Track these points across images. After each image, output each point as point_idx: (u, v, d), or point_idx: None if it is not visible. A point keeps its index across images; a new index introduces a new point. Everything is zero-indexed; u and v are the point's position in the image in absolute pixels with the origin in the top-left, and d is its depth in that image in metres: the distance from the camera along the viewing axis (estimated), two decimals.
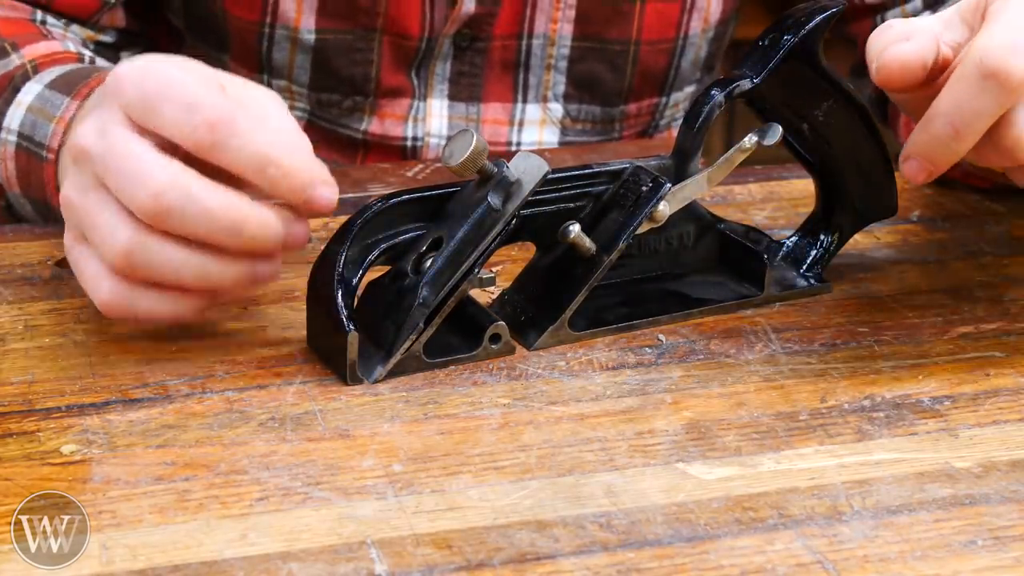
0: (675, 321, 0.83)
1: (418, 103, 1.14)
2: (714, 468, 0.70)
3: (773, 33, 0.82)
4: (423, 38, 1.10)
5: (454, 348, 0.79)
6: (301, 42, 1.10)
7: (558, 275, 0.82)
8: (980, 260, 0.89)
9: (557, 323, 0.80)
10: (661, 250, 0.85)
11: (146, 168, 0.73)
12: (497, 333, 0.79)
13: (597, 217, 0.81)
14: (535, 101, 1.15)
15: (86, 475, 0.69)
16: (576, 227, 0.80)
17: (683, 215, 0.83)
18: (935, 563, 0.64)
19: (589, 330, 0.81)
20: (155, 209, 0.73)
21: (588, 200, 0.82)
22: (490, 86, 1.14)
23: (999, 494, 0.69)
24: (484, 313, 0.80)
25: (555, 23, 1.12)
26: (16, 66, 0.95)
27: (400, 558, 0.63)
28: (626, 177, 0.82)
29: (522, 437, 0.72)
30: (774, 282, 0.86)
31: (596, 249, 0.80)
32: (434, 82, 1.13)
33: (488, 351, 0.79)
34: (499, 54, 1.12)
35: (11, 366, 0.78)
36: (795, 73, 0.82)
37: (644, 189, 0.81)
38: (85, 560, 0.63)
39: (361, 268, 0.78)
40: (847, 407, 0.76)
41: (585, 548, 0.64)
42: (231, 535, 0.65)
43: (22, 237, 0.92)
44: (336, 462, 0.70)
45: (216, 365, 0.78)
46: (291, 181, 0.75)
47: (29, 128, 0.91)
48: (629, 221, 0.80)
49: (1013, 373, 0.79)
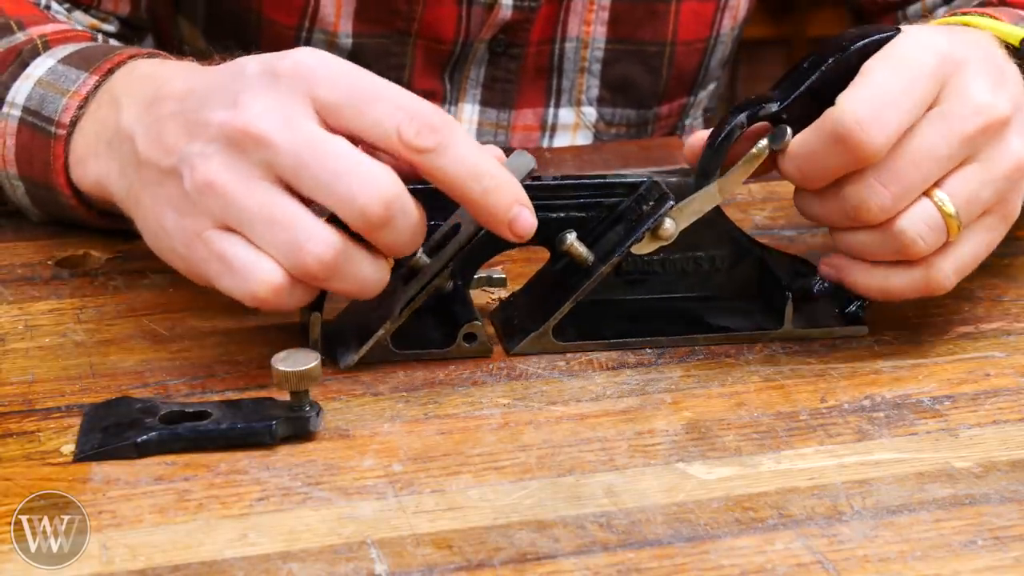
0: (675, 345, 0.81)
1: (449, 108, 1.13)
2: (714, 468, 0.70)
3: (815, 55, 0.78)
4: (457, 42, 1.09)
5: (430, 343, 0.79)
6: (338, 46, 1.09)
7: (556, 283, 0.81)
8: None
9: (540, 331, 0.79)
10: (690, 271, 0.83)
11: (371, 173, 0.69)
12: (472, 332, 0.79)
13: (605, 229, 0.80)
14: (568, 105, 1.14)
15: (86, 475, 0.69)
16: (572, 235, 0.79)
17: (715, 237, 0.82)
18: (935, 563, 0.64)
19: (575, 342, 0.80)
20: (383, 217, 0.69)
21: (602, 211, 0.81)
22: (523, 91, 1.13)
23: (999, 494, 0.69)
24: (467, 312, 0.80)
25: (588, 25, 1.11)
26: (23, 40, 0.92)
27: (400, 558, 0.63)
28: (641, 191, 0.80)
29: (522, 437, 0.72)
30: (804, 317, 0.82)
31: (593, 260, 0.79)
32: (467, 87, 1.12)
33: (461, 349, 0.79)
34: (533, 59, 1.11)
35: (11, 366, 0.78)
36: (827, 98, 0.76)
37: (648, 205, 0.79)
38: (85, 560, 0.63)
39: None
40: (847, 407, 0.76)
41: (585, 548, 0.64)
42: (231, 535, 0.65)
43: (22, 237, 0.92)
44: (336, 462, 0.70)
45: (216, 365, 0.78)
46: (499, 196, 0.72)
47: (37, 102, 0.87)
48: (628, 235, 0.79)
49: (1013, 373, 0.79)
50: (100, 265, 0.88)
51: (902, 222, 0.75)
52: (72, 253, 0.88)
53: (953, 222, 0.75)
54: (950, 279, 0.78)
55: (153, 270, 0.87)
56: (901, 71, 0.75)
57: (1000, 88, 0.77)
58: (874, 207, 0.75)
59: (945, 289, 0.78)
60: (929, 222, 0.75)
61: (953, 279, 0.78)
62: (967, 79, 0.76)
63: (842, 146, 0.74)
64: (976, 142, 0.76)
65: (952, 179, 0.76)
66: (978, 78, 0.76)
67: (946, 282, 0.77)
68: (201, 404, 0.73)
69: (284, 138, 0.70)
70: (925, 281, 0.77)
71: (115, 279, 0.87)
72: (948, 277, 0.77)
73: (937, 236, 0.76)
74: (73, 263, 0.89)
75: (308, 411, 0.71)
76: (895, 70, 0.75)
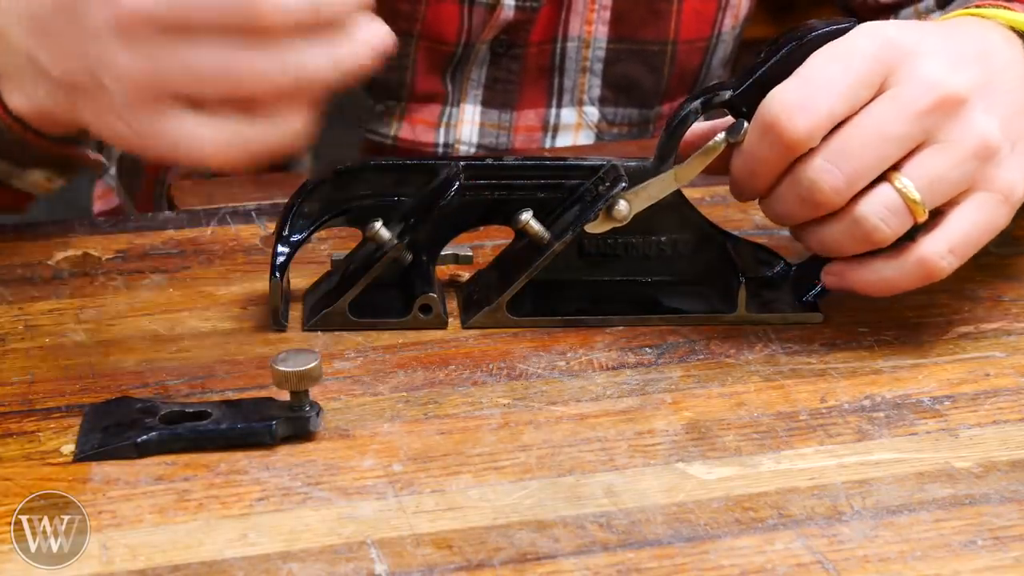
0: (628, 324, 0.82)
1: (451, 109, 1.13)
2: (714, 468, 0.70)
3: (772, 44, 0.80)
4: (460, 43, 1.09)
5: (386, 313, 0.82)
6: None
7: (516, 261, 0.83)
8: (980, 260, 0.89)
9: (493, 305, 0.82)
10: (652, 255, 0.84)
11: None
12: (427, 304, 0.81)
13: (563, 209, 0.82)
14: (570, 105, 1.14)
15: (86, 475, 0.69)
16: (528, 214, 0.81)
17: (678, 222, 0.83)
18: (935, 563, 0.64)
19: (530, 317, 0.82)
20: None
21: (563, 192, 0.82)
22: (525, 91, 1.13)
23: (999, 494, 0.69)
24: (426, 284, 0.82)
25: (590, 25, 1.11)
26: None
27: (400, 558, 0.63)
28: (599, 174, 0.82)
29: (522, 437, 0.72)
30: (759, 303, 0.84)
31: (549, 239, 0.81)
32: (468, 88, 1.12)
33: (417, 320, 0.81)
34: (535, 60, 1.11)
35: (11, 366, 0.78)
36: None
37: (604, 185, 0.81)
38: (85, 560, 0.63)
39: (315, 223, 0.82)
40: (847, 407, 0.76)
41: (585, 548, 0.64)
42: (231, 535, 0.65)
43: (22, 237, 0.92)
44: (336, 462, 0.70)
45: (216, 365, 0.78)
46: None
47: None
48: (582, 214, 0.81)
49: (1013, 373, 0.79)
50: (100, 265, 0.88)
51: (862, 208, 0.75)
52: (72, 253, 0.88)
53: (917, 207, 0.75)
54: (946, 259, 0.76)
55: (153, 270, 0.87)
56: (836, 58, 0.75)
57: (959, 68, 0.76)
58: (827, 188, 0.74)
59: (944, 271, 0.77)
60: (890, 206, 0.75)
61: (951, 259, 0.76)
62: (918, 61, 0.75)
63: (771, 135, 0.74)
64: (931, 121, 0.74)
65: (911, 162, 0.75)
66: (931, 58, 0.75)
67: (942, 262, 0.76)
68: (201, 404, 0.73)
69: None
70: (919, 266, 0.76)
71: (115, 279, 0.87)
72: (943, 257, 0.76)
73: (901, 220, 0.75)
74: (73, 263, 0.89)
75: (308, 411, 0.71)
76: (830, 58, 0.75)
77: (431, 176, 0.83)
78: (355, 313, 0.81)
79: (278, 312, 0.81)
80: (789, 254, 0.87)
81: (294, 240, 0.81)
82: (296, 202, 0.82)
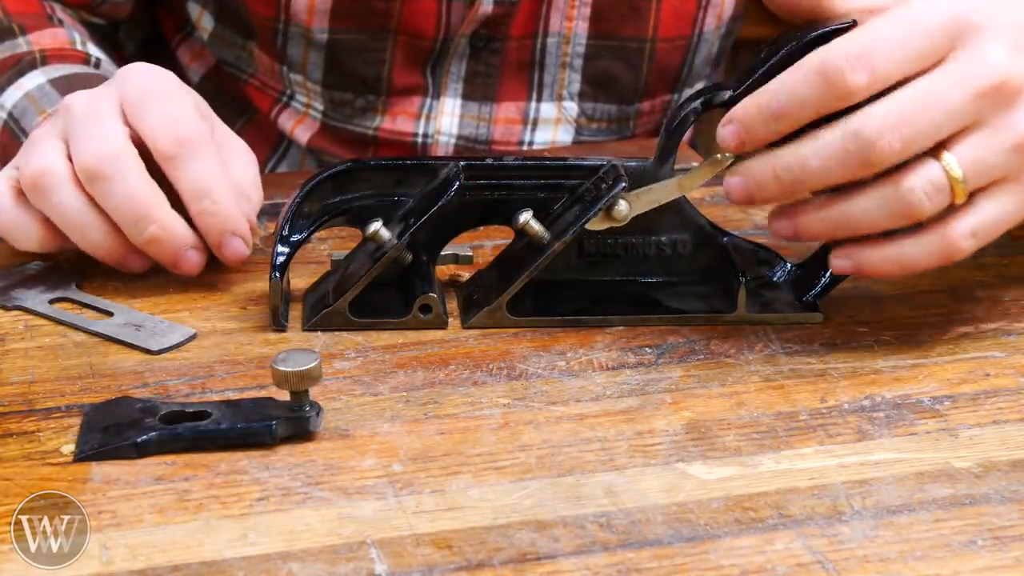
0: (628, 324, 0.82)
1: (431, 101, 1.14)
2: (714, 468, 0.70)
3: (772, 44, 0.80)
4: (438, 38, 1.10)
5: (386, 313, 0.82)
6: (314, 40, 1.10)
7: (516, 261, 0.83)
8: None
9: (493, 305, 0.82)
10: (652, 255, 0.85)
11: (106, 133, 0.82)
12: (427, 304, 0.81)
13: (563, 209, 0.82)
14: (550, 100, 1.15)
15: (86, 475, 0.69)
16: (527, 214, 0.81)
17: (678, 223, 0.83)
18: (935, 563, 0.64)
19: (529, 317, 0.82)
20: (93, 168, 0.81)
21: (563, 193, 0.83)
22: (505, 85, 1.14)
23: (999, 494, 0.69)
24: (426, 284, 0.82)
25: (570, 20, 1.11)
26: (25, 51, 1.01)
27: (400, 558, 0.63)
28: (600, 174, 0.82)
29: (522, 437, 0.72)
30: (759, 303, 0.84)
31: (549, 238, 0.81)
32: (448, 81, 1.13)
33: (418, 320, 0.81)
34: (515, 54, 1.12)
35: (11, 366, 0.78)
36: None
37: (605, 185, 0.81)
38: (85, 560, 0.63)
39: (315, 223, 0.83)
40: (847, 407, 0.76)
41: (585, 548, 0.64)
42: (231, 535, 0.65)
43: None
44: (336, 462, 0.70)
45: (216, 365, 0.78)
46: (216, 220, 0.83)
47: (20, 112, 0.96)
48: (582, 214, 0.81)
49: (1013, 373, 0.79)
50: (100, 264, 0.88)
51: (909, 181, 0.74)
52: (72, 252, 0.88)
53: (960, 186, 0.74)
54: (968, 241, 0.75)
55: (152, 270, 0.87)
56: (901, 22, 0.73)
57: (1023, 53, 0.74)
58: (884, 146, 0.72)
59: (963, 252, 0.76)
60: (936, 183, 0.73)
61: (971, 242, 0.76)
62: (985, 39, 0.73)
63: (823, 79, 0.72)
64: (986, 103, 0.73)
65: (960, 142, 0.74)
66: (998, 39, 0.74)
67: (963, 243, 0.75)
68: (201, 404, 0.73)
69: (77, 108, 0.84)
70: (941, 245, 0.75)
71: (115, 279, 0.87)
72: (966, 239, 0.75)
73: (942, 199, 0.74)
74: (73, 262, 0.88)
75: (308, 411, 0.71)
76: (894, 21, 0.73)
77: (431, 176, 0.83)
78: (355, 313, 0.81)
79: (278, 312, 0.81)
80: (789, 254, 0.87)
81: (294, 240, 0.82)
82: (296, 202, 0.82)
